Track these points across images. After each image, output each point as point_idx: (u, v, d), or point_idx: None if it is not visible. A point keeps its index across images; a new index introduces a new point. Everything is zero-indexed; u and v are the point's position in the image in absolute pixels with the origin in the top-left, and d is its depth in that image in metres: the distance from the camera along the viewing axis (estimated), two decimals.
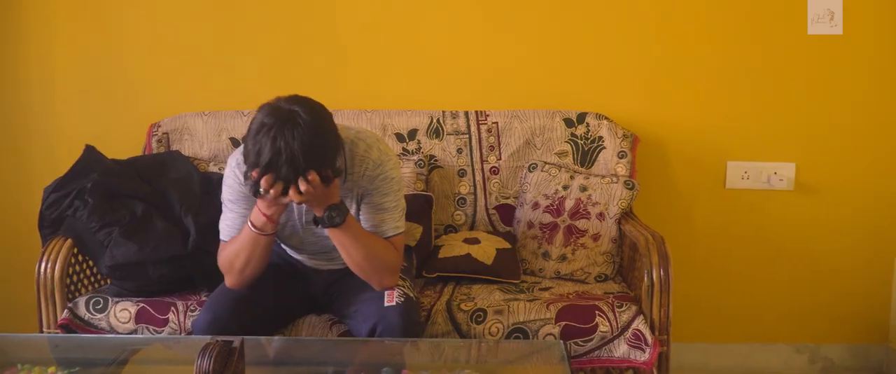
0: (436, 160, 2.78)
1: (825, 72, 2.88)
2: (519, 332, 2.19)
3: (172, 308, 2.27)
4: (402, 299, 2.05)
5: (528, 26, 2.89)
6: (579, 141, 2.77)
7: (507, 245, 2.60)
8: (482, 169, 2.78)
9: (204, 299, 2.30)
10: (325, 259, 2.23)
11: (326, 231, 2.02)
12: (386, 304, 2.02)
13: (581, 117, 2.78)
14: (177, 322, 2.24)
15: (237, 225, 2.08)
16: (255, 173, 1.83)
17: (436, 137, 2.79)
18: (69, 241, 2.39)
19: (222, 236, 2.11)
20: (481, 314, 2.22)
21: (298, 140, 1.77)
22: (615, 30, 2.88)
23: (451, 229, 2.77)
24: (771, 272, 3.02)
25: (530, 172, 2.72)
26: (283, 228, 2.14)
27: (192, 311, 2.24)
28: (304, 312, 2.24)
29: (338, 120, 1.97)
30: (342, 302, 2.18)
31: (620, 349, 2.18)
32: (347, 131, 2.07)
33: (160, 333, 2.25)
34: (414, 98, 2.88)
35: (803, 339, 3.06)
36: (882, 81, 2.88)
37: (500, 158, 2.78)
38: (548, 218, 2.61)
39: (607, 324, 2.18)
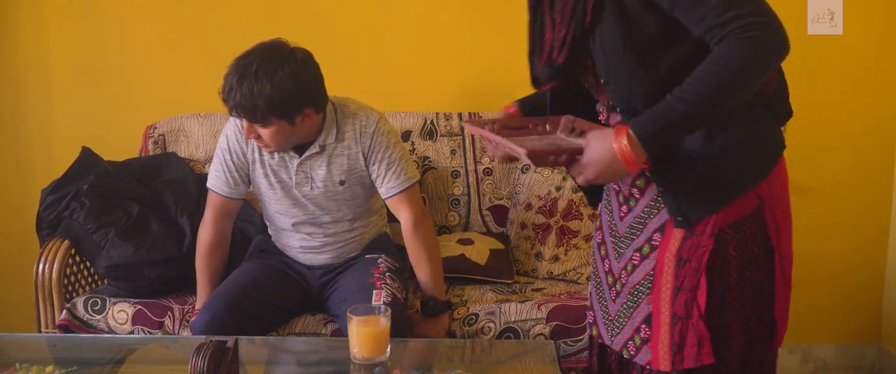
0: (429, 161, 2.80)
1: (825, 72, 2.90)
2: (510, 332, 2.21)
3: (169, 313, 2.30)
4: (390, 300, 2.09)
5: (523, 27, 2.90)
6: None
7: (500, 246, 2.62)
8: (476, 170, 2.80)
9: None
10: (316, 232, 2.28)
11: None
12: (372, 304, 2.05)
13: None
14: (172, 329, 2.28)
15: (221, 178, 2.23)
16: None
17: (429, 139, 2.81)
18: (66, 242, 2.42)
19: (209, 184, 2.27)
20: (473, 317, 2.25)
21: (241, 90, 2.00)
22: None
23: (445, 229, 2.79)
24: None
25: (523, 173, 2.74)
26: (274, 189, 2.22)
27: (188, 321, 2.27)
28: (301, 312, 2.28)
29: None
30: (335, 301, 2.22)
31: None
32: (336, 98, 2.23)
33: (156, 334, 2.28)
34: (407, 100, 2.90)
35: (795, 339, 3.07)
36: (881, 82, 2.90)
37: (493, 160, 2.80)
38: (541, 219, 2.63)
39: None
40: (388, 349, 1.81)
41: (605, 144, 1.38)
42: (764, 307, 1.54)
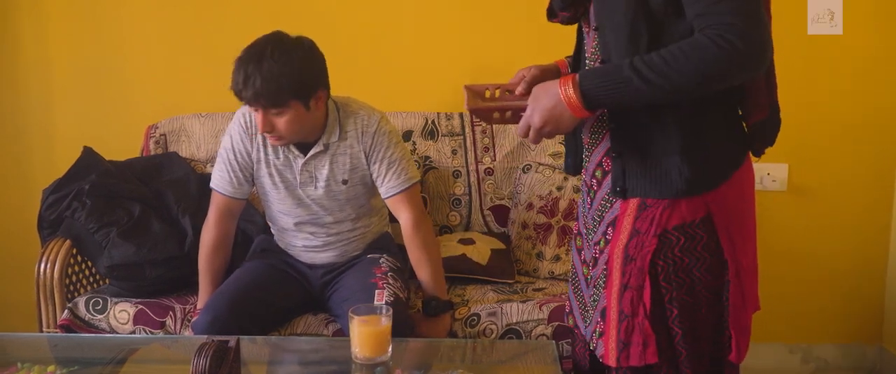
0: (431, 161, 2.80)
1: (825, 72, 2.90)
2: (512, 333, 2.21)
3: (170, 313, 2.30)
4: (392, 299, 2.10)
5: (523, 27, 2.91)
6: None
7: (501, 246, 2.63)
8: (477, 170, 2.80)
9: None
10: (318, 232, 2.29)
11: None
12: (374, 304, 2.06)
13: None
14: (173, 328, 2.28)
15: (225, 178, 2.24)
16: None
17: (430, 139, 2.81)
18: (68, 241, 2.42)
19: (212, 184, 2.28)
20: (475, 318, 2.25)
21: (261, 73, 1.99)
22: None
23: (447, 229, 2.79)
24: (764, 272, 2.99)
25: (524, 173, 2.75)
26: (277, 189, 2.23)
27: (189, 320, 2.27)
28: (302, 312, 2.28)
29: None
30: (336, 301, 2.23)
31: None
32: (338, 97, 2.25)
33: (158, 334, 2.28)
34: (408, 100, 2.90)
35: (796, 339, 3.08)
36: (881, 82, 2.90)
37: (495, 160, 2.81)
38: (542, 219, 2.63)
39: None
40: (390, 349, 1.81)
41: (551, 91, 1.42)
42: (720, 316, 1.55)
